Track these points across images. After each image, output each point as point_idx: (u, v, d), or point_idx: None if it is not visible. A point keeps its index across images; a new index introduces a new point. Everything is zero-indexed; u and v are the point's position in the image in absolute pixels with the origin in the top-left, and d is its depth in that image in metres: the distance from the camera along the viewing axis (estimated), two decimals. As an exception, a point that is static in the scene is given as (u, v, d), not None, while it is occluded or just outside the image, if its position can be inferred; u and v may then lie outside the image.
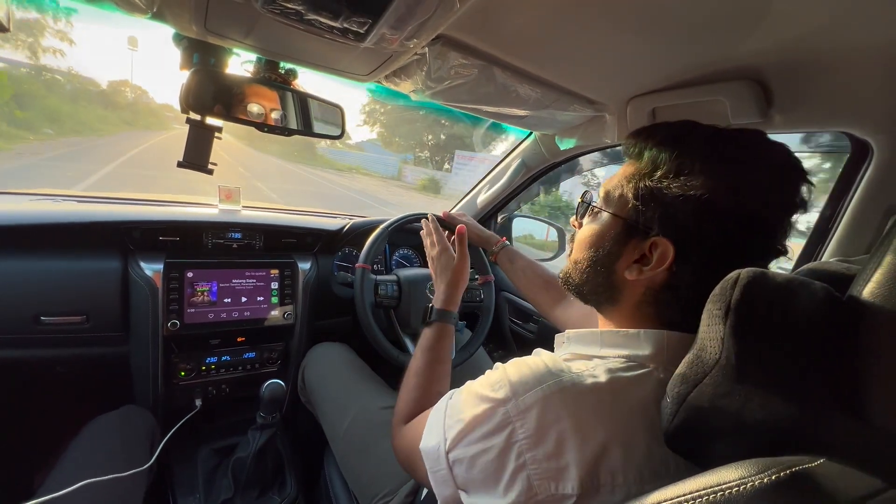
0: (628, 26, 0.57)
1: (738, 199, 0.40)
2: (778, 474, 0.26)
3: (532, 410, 0.40)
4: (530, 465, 0.38)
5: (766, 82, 0.63)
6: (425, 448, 0.48)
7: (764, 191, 0.41)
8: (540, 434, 0.39)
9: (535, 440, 0.39)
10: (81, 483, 0.66)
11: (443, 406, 0.50)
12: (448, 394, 0.52)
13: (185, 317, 1.01)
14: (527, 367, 0.43)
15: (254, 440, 1.00)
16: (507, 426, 0.40)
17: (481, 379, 0.47)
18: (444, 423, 0.47)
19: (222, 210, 1.20)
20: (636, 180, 0.45)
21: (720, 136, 0.44)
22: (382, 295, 1.10)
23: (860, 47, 0.52)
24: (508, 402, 0.41)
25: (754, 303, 0.32)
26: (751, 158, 0.42)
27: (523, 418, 0.40)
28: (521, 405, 0.40)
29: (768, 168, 0.42)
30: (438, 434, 0.46)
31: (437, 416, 0.49)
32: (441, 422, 0.47)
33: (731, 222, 0.40)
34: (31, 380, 0.99)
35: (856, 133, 0.65)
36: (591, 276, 0.50)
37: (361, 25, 0.53)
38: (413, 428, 0.57)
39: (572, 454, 0.37)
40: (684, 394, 0.35)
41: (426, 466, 0.47)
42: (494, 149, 12.07)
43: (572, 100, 0.85)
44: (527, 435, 0.39)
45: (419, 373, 0.69)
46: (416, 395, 0.66)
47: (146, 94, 62.29)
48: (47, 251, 0.92)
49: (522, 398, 0.40)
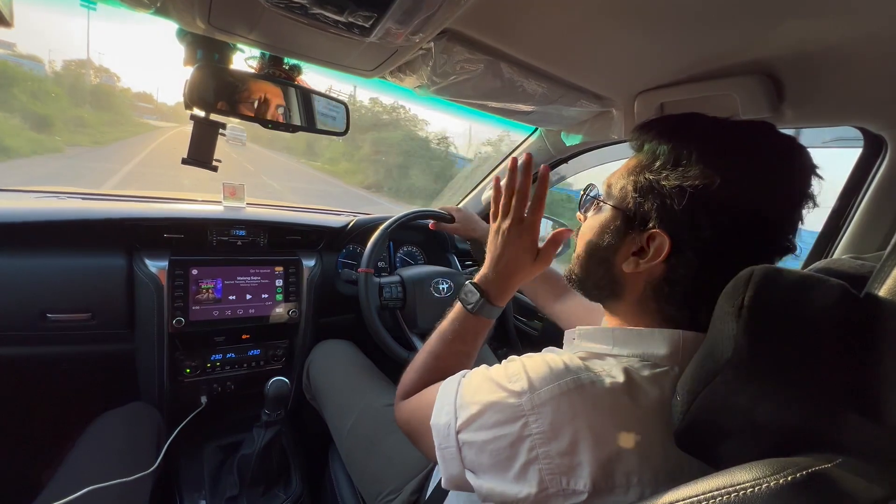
0: (636, 20, 0.56)
1: (736, 192, 0.39)
2: (794, 475, 0.26)
3: (547, 406, 0.39)
4: (542, 459, 0.38)
5: (778, 76, 0.62)
6: (436, 424, 0.47)
7: (767, 184, 0.40)
8: (554, 431, 0.38)
9: (549, 436, 0.38)
10: (86, 490, 0.66)
11: (454, 383, 0.49)
12: (461, 372, 0.51)
13: (190, 314, 1.01)
14: (544, 362, 0.43)
15: (259, 437, 1.00)
16: (521, 419, 0.40)
17: (498, 367, 0.47)
18: (455, 402, 0.46)
19: (227, 207, 1.20)
20: (636, 173, 0.45)
21: (721, 126, 0.43)
22: (387, 297, 1.10)
23: (874, 40, 0.51)
24: (524, 395, 0.41)
25: (768, 300, 0.31)
26: (752, 150, 0.41)
27: (538, 413, 0.39)
28: (536, 400, 0.40)
29: (772, 160, 0.41)
30: (449, 412, 0.46)
31: (448, 392, 0.48)
32: (453, 400, 0.47)
33: (728, 215, 0.40)
34: (38, 376, 1.00)
35: (870, 128, 0.64)
36: (592, 270, 0.50)
37: (367, 20, 0.53)
38: (421, 398, 0.56)
39: (586, 454, 0.37)
40: (695, 392, 0.35)
41: (434, 441, 0.46)
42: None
43: (579, 95, 0.84)
44: (540, 430, 0.39)
45: (432, 351, 0.61)
46: (427, 372, 0.60)
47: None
48: (53, 248, 0.93)
49: (538, 393, 0.40)
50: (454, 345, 0.61)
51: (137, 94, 47.30)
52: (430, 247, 1.50)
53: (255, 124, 0.82)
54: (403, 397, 0.60)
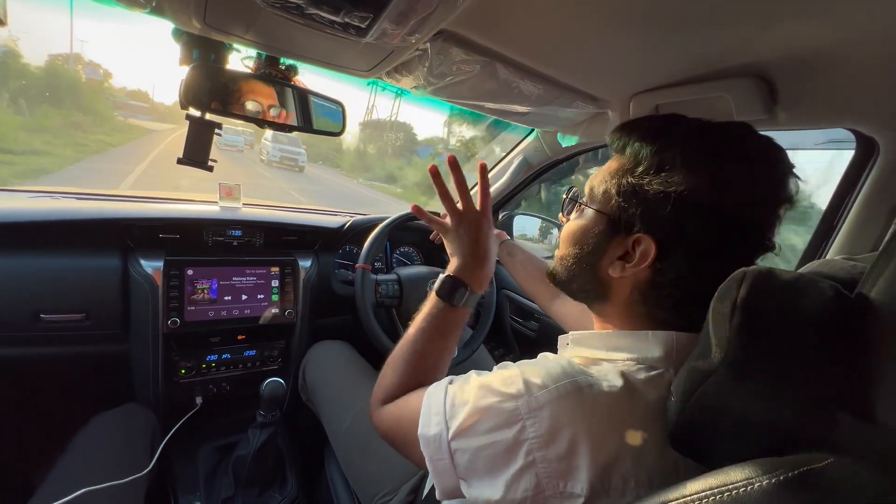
0: (632, 22, 0.56)
1: (721, 195, 0.39)
2: (786, 474, 0.26)
3: (545, 409, 0.39)
4: (539, 463, 0.38)
5: (772, 79, 0.63)
6: (424, 435, 0.45)
7: (748, 186, 0.40)
8: (552, 434, 0.38)
9: (547, 440, 0.38)
10: (79, 492, 0.66)
11: (441, 391, 0.47)
12: (447, 378, 0.50)
13: (186, 314, 1.00)
14: (541, 366, 0.43)
15: (254, 438, 1.00)
16: (517, 423, 0.39)
17: (491, 374, 0.46)
18: (445, 411, 0.44)
19: (223, 207, 1.19)
20: (619, 176, 0.45)
21: (702, 130, 0.43)
22: (383, 294, 1.10)
23: (867, 43, 0.52)
24: (520, 398, 0.40)
25: (761, 301, 0.31)
26: (733, 153, 0.42)
27: (535, 416, 0.39)
28: (533, 403, 0.39)
29: (752, 162, 0.41)
30: (439, 422, 0.44)
31: (435, 401, 0.46)
32: (441, 409, 0.45)
33: (714, 219, 0.40)
34: (32, 378, 0.99)
35: (862, 130, 0.64)
36: (577, 273, 0.50)
37: (363, 20, 0.53)
38: (404, 406, 0.53)
39: (584, 457, 0.37)
40: (689, 393, 0.35)
41: (426, 454, 0.45)
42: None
43: (575, 97, 0.85)
44: (538, 434, 0.38)
45: (415, 350, 0.58)
46: (408, 373, 0.57)
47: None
48: (47, 249, 0.92)
49: (535, 396, 0.39)
50: (436, 341, 0.59)
51: (131, 93, 43.93)
52: (426, 247, 1.50)
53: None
54: (384, 402, 0.57)
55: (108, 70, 44.93)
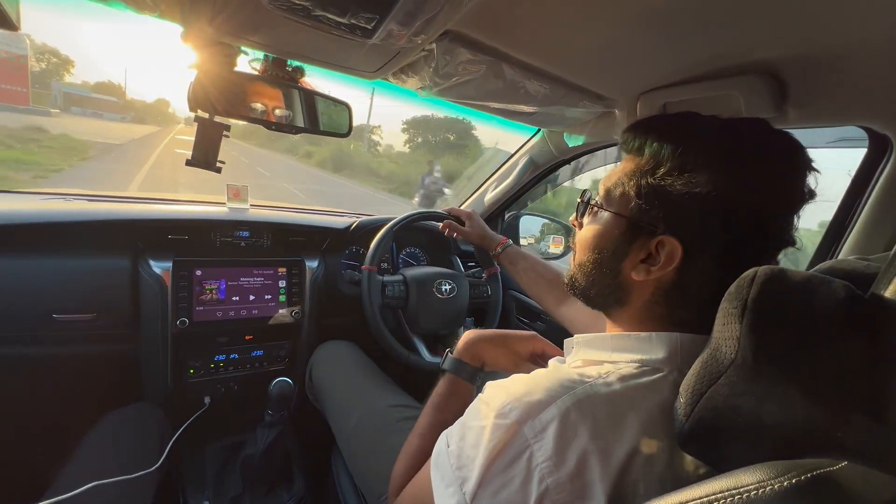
0: (639, 20, 0.56)
1: (744, 194, 0.39)
2: (798, 477, 0.26)
3: (549, 430, 0.37)
4: (553, 490, 0.36)
5: (782, 76, 0.62)
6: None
7: (770, 182, 0.40)
8: (560, 454, 0.36)
9: (556, 462, 0.36)
10: (90, 485, 0.67)
11: (443, 455, 0.44)
12: (441, 439, 0.46)
13: (194, 315, 1.01)
14: (533, 383, 0.41)
15: (262, 438, 1.01)
16: (526, 450, 0.37)
17: (477, 409, 0.43)
18: (453, 473, 0.41)
19: (230, 208, 1.21)
20: (638, 177, 0.44)
21: (722, 128, 0.43)
22: (390, 296, 1.10)
23: (879, 40, 0.51)
24: (524, 423, 0.38)
25: (772, 301, 0.31)
26: (754, 150, 0.41)
27: (540, 439, 0.37)
28: (537, 426, 0.37)
29: (772, 159, 0.41)
30: (454, 492, 0.40)
31: (441, 465, 0.43)
32: (450, 473, 0.41)
33: (739, 217, 0.39)
34: (45, 376, 1.00)
35: (875, 127, 0.63)
36: (598, 279, 0.48)
37: (369, 21, 0.53)
38: (415, 485, 0.51)
39: (596, 471, 0.36)
40: (699, 394, 0.34)
41: None
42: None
43: (581, 96, 0.84)
44: (546, 457, 0.36)
45: (423, 435, 0.60)
46: (415, 460, 0.57)
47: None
48: (59, 250, 0.93)
49: (539, 418, 0.38)
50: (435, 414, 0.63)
51: (97, 85, 34.07)
52: (432, 248, 1.50)
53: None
54: (398, 491, 0.55)
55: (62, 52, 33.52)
